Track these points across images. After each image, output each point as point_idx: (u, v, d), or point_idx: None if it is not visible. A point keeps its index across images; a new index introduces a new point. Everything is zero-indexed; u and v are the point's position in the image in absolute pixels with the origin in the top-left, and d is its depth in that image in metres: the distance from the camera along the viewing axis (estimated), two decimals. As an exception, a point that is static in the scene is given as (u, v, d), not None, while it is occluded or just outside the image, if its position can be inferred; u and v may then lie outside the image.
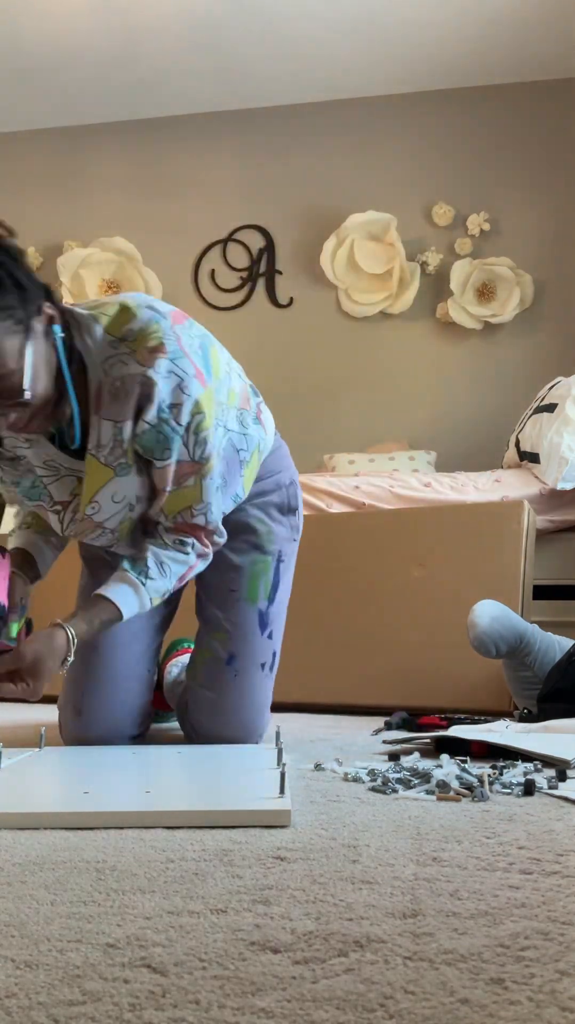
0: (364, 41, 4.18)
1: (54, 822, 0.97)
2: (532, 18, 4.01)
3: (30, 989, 0.55)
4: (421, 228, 4.54)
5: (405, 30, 4.09)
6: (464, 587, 2.48)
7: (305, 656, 2.56)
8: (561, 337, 4.36)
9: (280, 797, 1.04)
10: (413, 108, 4.57)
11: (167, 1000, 0.53)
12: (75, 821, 0.97)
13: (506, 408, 4.24)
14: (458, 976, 0.57)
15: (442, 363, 4.47)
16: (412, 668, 2.48)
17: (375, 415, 4.49)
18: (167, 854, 0.87)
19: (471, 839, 0.93)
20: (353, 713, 2.44)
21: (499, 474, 3.37)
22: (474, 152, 4.51)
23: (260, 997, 0.54)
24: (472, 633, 2.01)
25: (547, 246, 4.42)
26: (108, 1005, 0.53)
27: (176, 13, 3.97)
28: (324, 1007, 0.52)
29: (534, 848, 0.89)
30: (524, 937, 0.64)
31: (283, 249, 4.70)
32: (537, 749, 1.42)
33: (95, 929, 0.66)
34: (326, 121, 4.66)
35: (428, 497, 3.15)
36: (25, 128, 4.92)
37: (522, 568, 2.50)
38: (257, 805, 1.01)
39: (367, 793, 1.18)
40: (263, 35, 4.13)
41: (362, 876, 0.79)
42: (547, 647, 2.04)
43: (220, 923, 0.67)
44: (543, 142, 4.45)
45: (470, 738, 1.50)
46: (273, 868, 0.82)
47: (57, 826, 0.97)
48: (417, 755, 1.43)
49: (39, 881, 0.78)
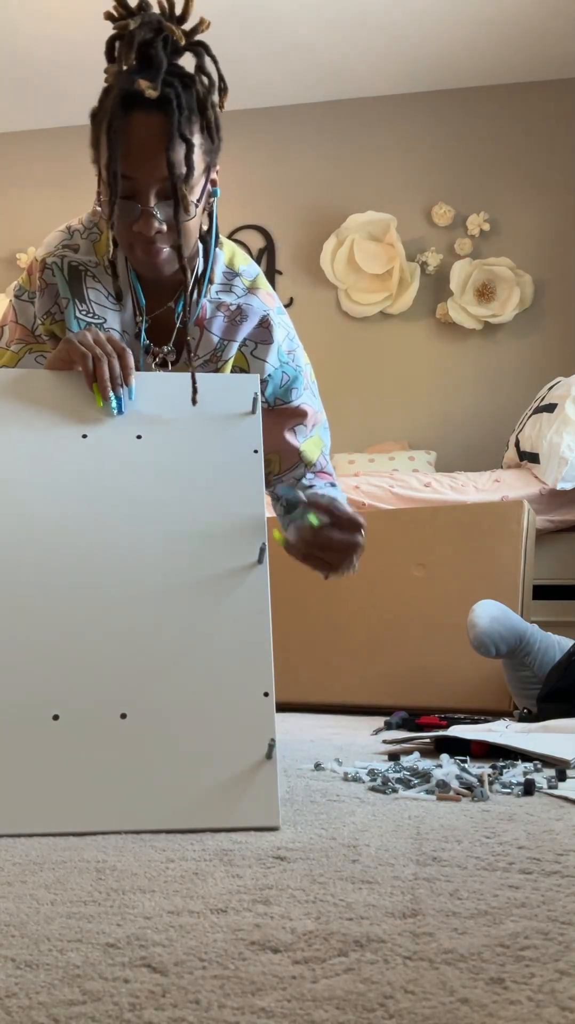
0: (364, 41, 4.18)
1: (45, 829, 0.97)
2: (532, 18, 4.01)
3: (30, 989, 0.55)
4: (421, 228, 4.54)
5: (405, 30, 4.09)
6: (464, 587, 2.48)
7: (305, 656, 2.56)
8: (561, 337, 4.36)
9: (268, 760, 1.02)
10: (413, 108, 4.57)
11: (167, 1000, 0.53)
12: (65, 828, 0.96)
13: (506, 408, 4.24)
14: (458, 976, 0.57)
15: (442, 363, 4.47)
16: (412, 668, 2.48)
17: (375, 415, 4.49)
18: (167, 854, 0.87)
19: (471, 839, 0.93)
20: (353, 713, 2.44)
21: (499, 474, 3.37)
22: (474, 152, 4.51)
23: (260, 997, 0.54)
24: (472, 633, 2.01)
25: (547, 246, 4.42)
26: (108, 1005, 0.53)
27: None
28: (324, 1007, 0.52)
29: (534, 848, 0.89)
30: (524, 937, 0.64)
31: (283, 249, 4.70)
32: (537, 749, 1.42)
33: (95, 929, 0.66)
34: (326, 121, 4.66)
35: (428, 497, 3.15)
36: (25, 128, 4.92)
37: (522, 568, 2.50)
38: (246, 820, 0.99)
39: (367, 793, 1.18)
40: (263, 35, 4.13)
41: (362, 876, 0.79)
42: (547, 647, 2.04)
43: (220, 923, 0.67)
44: (543, 142, 4.45)
45: (470, 738, 1.50)
46: (273, 868, 0.82)
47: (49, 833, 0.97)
48: (417, 755, 1.43)
49: (39, 881, 0.78)
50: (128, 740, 1.02)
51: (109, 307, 1.38)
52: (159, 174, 1.18)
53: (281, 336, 1.45)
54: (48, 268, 1.37)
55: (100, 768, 1.01)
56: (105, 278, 1.37)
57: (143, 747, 1.02)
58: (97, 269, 1.37)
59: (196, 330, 1.41)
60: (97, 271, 1.37)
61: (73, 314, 1.37)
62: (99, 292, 1.37)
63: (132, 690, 1.05)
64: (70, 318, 1.37)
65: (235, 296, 1.41)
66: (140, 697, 1.05)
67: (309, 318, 4.63)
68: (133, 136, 1.16)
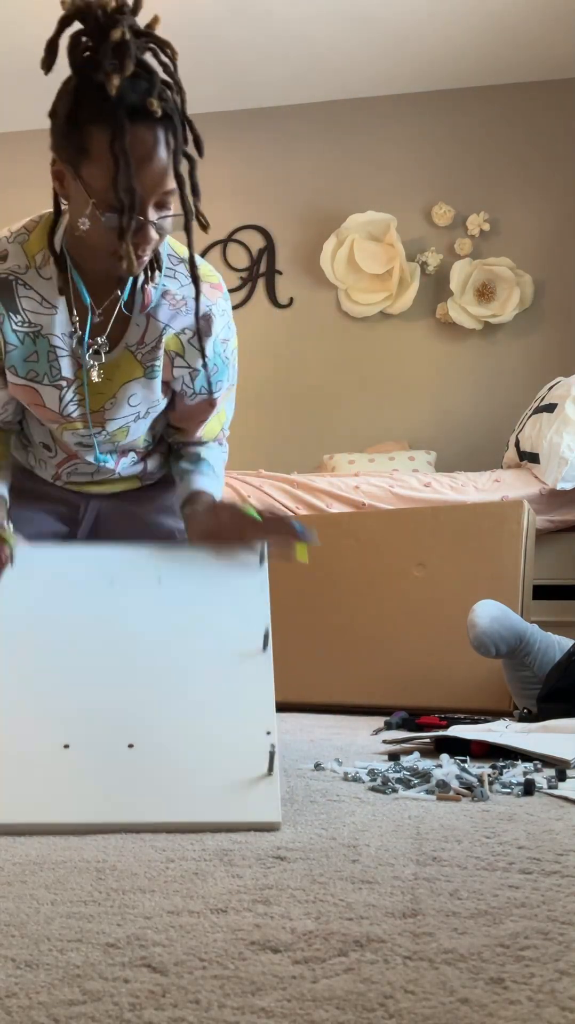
0: (364, 41, 4.18)
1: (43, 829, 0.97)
2: (532, 18, 4.01)
3: (30, 989, 0.55)
4: (421, 228, 4.54)
5: (405, 30, 4.09)
6: (464, 587, 2.48)
7: (305, 656, 2.56)
8: (561, 337, 4.36)
9: (268, 776, 1.03)
10: (413, 108, 4.57)
11: (167, 1000, 0.53)
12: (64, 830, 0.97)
13: (506, 408, 4.24)
14: (458, 976, 0.57)
15: (442, 363, 4.47)
16: (412, 668, 2.48)
17: (375, 415, 4.49)
18: (167, 854, 0.87)
19: (471, 839, 0.93)
20: (353, 713, 2.44)
21: (499, 474, 3.37)
22: (474, 152, 4.51)
23: (260, 997, 0.54)
24: (472, 633, 2.01)
25: (547, 246, 4.42)
26: (108, 1005, 0.53)
27: (176, 13, 3.97)
28: (324, 1007, 0.52)
29: (534, 848, 0.89)
30: (524, 937, 0.64)
31: (283, 249, 4.70)
32: (537, 749, 1.42)
33: (95, 929, 0.66)
34: (326, 121, 4.66)
35: (428, 497, 3.15)
36: (25, 128, 4.92)
37: (522, 568, 2.50)
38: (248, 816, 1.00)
39: (367, 793, 1.18)
40: (263, 35, 4.13)
41: (362, 876, 0.79)
42: (547, 647, 2.04)
43: (220, 923, 0.67)
44: (543, 142, 4.45)
45: (470, 738, 1.50)
46: (273, 868, 0.82)
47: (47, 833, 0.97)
48: (417, 755, 1.43)
49: (39, 881, 0.78)
50: (134, 764, 1.05)
51: (43, 312, 1.38)
52: (161, 188, 1.21)
53: (220, 327, 1.46)
54: None
55: (107, 782, 1.04)
56: (37, 281, 1.36)
57: (148, 773, 1.05)
58: (28, 274, 1.36)
59: (143, 318, 1.41)
60: (27, 276, 1.36)
61: (10, 327, 1.38)
62: (32, 299, 1.37)
63: (139, 723, 1.12)
64: (7, 331, 1.38)
65: (178, 284, 1.41)
66: (147, 730, 1.11)
67: (309, 318, 4.63)
68: (139, 152, 1.17)
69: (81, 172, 1.20)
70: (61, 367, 1.42)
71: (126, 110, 1.15)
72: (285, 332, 4.64)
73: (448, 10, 3.95)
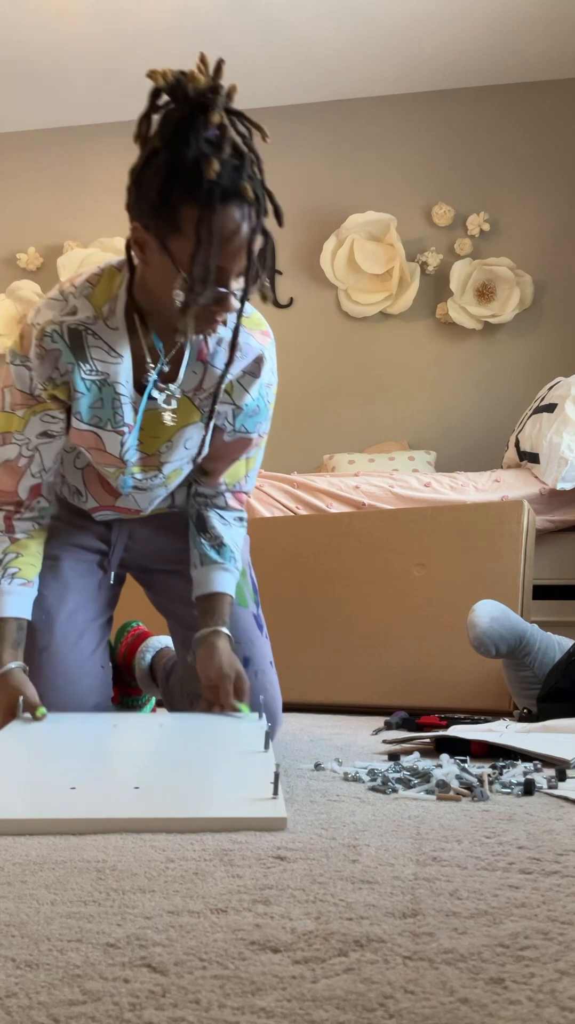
0: (364, 41, 4.18)
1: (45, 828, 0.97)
2: (532, 18, 4.01)
3: (30, 989, 0.55)
4: (421, 228, 4.54)
5: (405, 30, 4.09)
6: (464, 587, 2.48)
7: (305, 656, 2.56)
8: (561, 337, 4.36)
9: (274, 799, 1.03)
10: (413, 108, 4.57)
11: (167, 1000, 0.53)
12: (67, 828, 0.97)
13: (506, 408, 4.24)
14: (458, 976, 0.57)
15: (442, 363, 4.47)
16: (412, 668, 2.48)
17: (375, 415, 4.49)
18: (167, 854, 0.87)
19: (471, 839, 0.93)
20: (353, 713, 2.44)
21: (499, 474, 3.37)
22: (474, 152, 4.51)
23: (260, 997, 0.54)
24: (472, 633, 2.01)
25: (547, 246, 4.42)
26: (108, 1005, 0.53)
27: (176, 13, 3.97)
28: (324, 1007, 0.52)
29: (534, 848, 0.89)
30: (524, 937, 0.64)
31: (283, 249, 4.68)
32: (537, 749, 1.42)
33: (95, 929, 0.66)
34: (326, 121, 4.65)
35: (428, 497, 3.15)
36: (25, 128, 4.92)
37: (522, 568, 2.50)
38: (252, 812, 1.00)
39: (367, 793, 1.18)
40: (263, 35, 4.13)
41: (362, 876, 0.79)
42: (547, 647, 2.04)
43: (220, 923, 0.67)
44: (543, 142, 4.45)
45: (470, 738, 1.50)
46: (273, 868, 0.82)
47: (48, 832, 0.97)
48: (417, 755, 1.43)
49: (39, 881, 0.78)
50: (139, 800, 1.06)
51: (111, 361, 1.44)
52: (242, 262, 1.30)
53: (267, 371, 1.53)
54: (48, 335, 1.40)
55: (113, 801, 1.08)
56: (105, 332, 1.41)
57: (153, 806, 1.06)
58: (96, 325, 1.41)
59: (200, 365, 1.48)
60: (96, 327, 1.41)
61: (79, 376, 1.43)
62: (100, 348, 1.42)
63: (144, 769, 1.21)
64: (76, 380, 1.43)
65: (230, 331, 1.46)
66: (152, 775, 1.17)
67: (309, 318, 4.63)
68: (227, 230, 1.24)
69: (169, 245, 1.25)
70: (124, 413, 1.48)
71: (220, 192, 1.21)
72: (285, 332, 4.62)
73: (448, 10, 3.95)
